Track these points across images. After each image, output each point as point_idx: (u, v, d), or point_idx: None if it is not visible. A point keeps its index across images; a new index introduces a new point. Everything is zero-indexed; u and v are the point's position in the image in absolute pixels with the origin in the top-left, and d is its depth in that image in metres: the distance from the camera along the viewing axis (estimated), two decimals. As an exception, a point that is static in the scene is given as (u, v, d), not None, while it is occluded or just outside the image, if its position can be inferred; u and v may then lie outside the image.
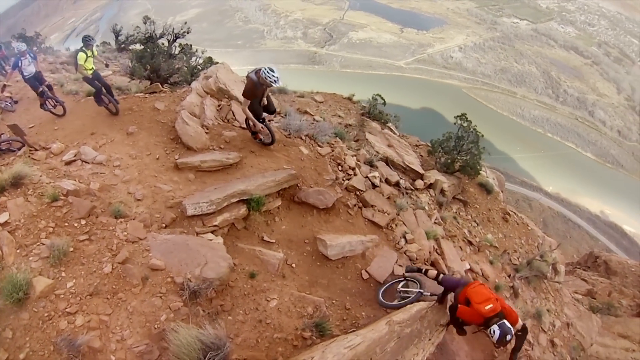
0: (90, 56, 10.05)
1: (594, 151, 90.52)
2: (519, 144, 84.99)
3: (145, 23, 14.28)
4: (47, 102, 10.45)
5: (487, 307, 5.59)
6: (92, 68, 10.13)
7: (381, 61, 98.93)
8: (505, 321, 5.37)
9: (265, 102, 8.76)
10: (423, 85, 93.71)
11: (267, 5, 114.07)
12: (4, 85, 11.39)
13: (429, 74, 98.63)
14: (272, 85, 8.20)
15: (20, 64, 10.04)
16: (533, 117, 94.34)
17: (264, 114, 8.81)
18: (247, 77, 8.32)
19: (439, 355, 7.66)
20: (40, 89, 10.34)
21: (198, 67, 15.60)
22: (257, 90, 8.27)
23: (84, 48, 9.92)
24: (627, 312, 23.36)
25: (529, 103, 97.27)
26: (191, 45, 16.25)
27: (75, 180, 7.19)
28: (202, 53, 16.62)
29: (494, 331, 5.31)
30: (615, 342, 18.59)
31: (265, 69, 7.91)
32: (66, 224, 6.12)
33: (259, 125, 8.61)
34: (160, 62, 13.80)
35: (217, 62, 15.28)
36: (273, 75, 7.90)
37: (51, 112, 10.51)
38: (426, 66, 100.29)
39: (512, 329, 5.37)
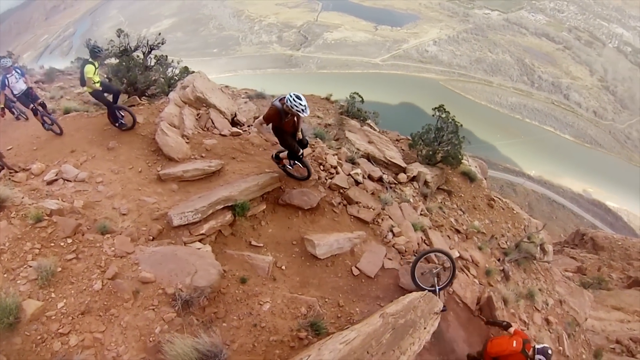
0: (98, 68, 9.30)
1: (572, 133, 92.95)
2: (499, 131, 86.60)
3: (119, 36, 14.09)
4: (43, 120, 9.72)
5: (514, 344, 6.42)
6: (99, 81, 9.35)
7: (357, 60, 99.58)
8: (536, 345, 6.24)
9: (300, 136, 7.97)
10: (400, 81, 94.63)
11: (241, 11, 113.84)
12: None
13: (406, 69, 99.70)
14: (299, 115, 7.33)
15: (7, 82, 9.43)
16: (511, 104, 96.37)
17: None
18: (271, 105, 7.46)
19: (436, 343, 7.78)
20: (32, 106, 9.63)
21: (175, 77, 15.50)
22: (282, 121, 7.44)
23: (91, 59, 9.08)
24: (618, 285, 24.01)
25: (506, 91, 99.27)
26: (167, 56, 16.15)
27: (58, 200, 7.11)
28: (178, 63, 16.54)
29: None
30: (610, 315, 19.05)
31: (290, 96, 7.04)
32: (52, 244, 6.05)
33: (285, 156, 8.20)
34: (136, 75, 13.68)
35: (193, 72, 15.23)
36: (300, 104, 7.02)
37: (52, 131, 9.73)
38: (402, 62, 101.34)
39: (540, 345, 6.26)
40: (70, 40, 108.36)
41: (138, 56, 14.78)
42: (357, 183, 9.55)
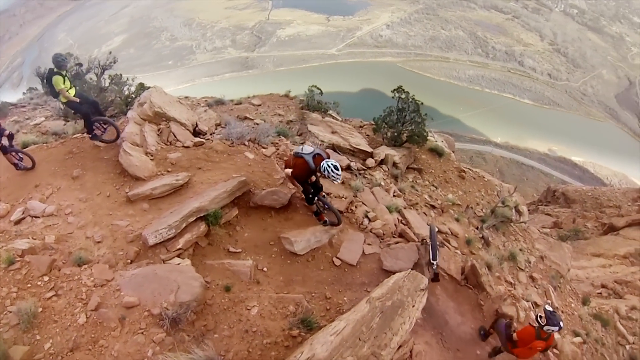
0: (67, 77, 8.69)
1: (531, 97, 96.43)
2: (461, 104, 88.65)
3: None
4: (12, 157, 8.75)
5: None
6: (75, 89, 8.82)
7: (313, 53, 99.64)
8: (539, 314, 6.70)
9: (314, 179, 7.92)
10: (358, 68, 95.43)
11: (191, 19, 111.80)
12: None
13: (362, 55, 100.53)
14: (333, 181, 7.26)
15: None
16: (469, 77, 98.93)
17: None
18: (302, 159, 7.30)
19: (428, 318, 7.93)
20: (1, 143, 8.57)
21: (131, 95, 15.16)
22: (309, 178, 7.56)
23: (56, 69, 8.46)
24: (594, 233, 24.97)
25: (463, 65, 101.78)
26: (121, 74, 15.76)
27: (28, 238, 6.88)
28: (133, 80, 16.16)
29: (550, 330, 6.55)
30: (591, 262, 19.77)
31: (329, 166, 6.98)
32: (29, 285, 5.88)
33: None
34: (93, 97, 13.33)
35: (149, 87, 14.93)
36: (338, 175, 7.01)
37: (26, 168, 8.96)
38: (358, 49, 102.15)
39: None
40: (19, 70, 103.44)
41: (91, 78, 14.37)
42: (326, 174, 9.57)
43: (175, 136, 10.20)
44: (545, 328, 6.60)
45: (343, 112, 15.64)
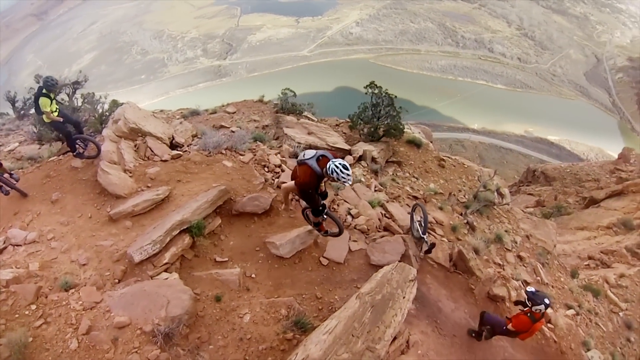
0: (54, 99, 8.76)
1: (503, 82, 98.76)
2: (436, 94, 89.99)
3: (38, 82, 13.41)
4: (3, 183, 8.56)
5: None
6: (58, 110, 8.82)
7: (285, 56, 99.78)
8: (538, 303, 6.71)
9: (323, 188, 7.27)
10: (331, 67, 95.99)
11: (161, 31, 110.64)
12: None
13: (334, 54, 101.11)
14: (343, 184, 6.75)
15: None
16: (441, 67, 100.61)
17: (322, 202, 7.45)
18: (305, 165, 6.55)
19: (422, 308, 8.00)
20: None
21: (105, 113, 14.96)
22: (318, 186, 6.84)
23: (45, 91, 8.51)
24: (576, 208, 25.55)
25: (434, 55, 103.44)
26: (93, 93, 15.52)
27: (12, 268, 6.74)
28: (106, 98, 15.94)
29: (539, 310, 6.66)
30: (576, 236, 20.22)
31: (336, 167, 6.16)
32: (17, 315, 5.79)
33: (319, 219, 7.41)
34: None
35: (122, 103, 14.75)
36: (348, 175, 6.20)
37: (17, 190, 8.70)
38: (330, 48, 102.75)
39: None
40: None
41: (63, 99, 14.13)
42: (305, 176, 9.59)
43: (152, 151, 10.11)
44: (534, 309, 6.72)
45: (319, 112, 15.68)
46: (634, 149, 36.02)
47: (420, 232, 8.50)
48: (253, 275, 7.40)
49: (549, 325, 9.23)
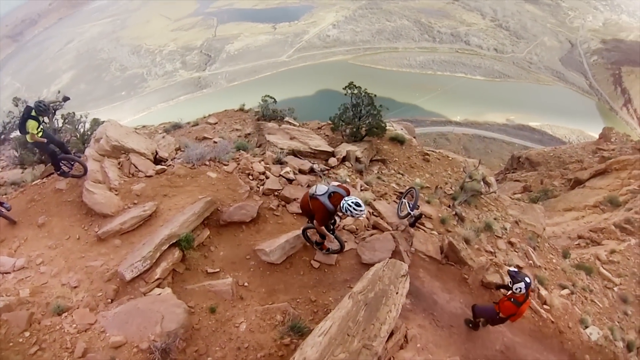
0: (42, 123, 8.72)
1: (481, 73, 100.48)
2: (416, 90, 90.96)
3: (17, 105, 13.18)
4: None
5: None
6: (42, 132, 8.75)
7: (264, 63, 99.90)
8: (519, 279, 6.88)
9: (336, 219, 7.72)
10: (311, 71, 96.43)
11: (139, 46, 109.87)
12: None
13: (313, 58, 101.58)
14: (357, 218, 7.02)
15: None
16: (420, 63, 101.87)
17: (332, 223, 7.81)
18: (317, 201, 6.83)
19: (417, 302, 8.06)
20: None
21: (87, 133, 14.79)
22: (330, 218, 7.13)
23: (34, 114, 8.47)
24: (562, 190, 25.91)
25: (412, 52, 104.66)
26: (74, 112, 15.33)
27: (2, 296, 6.63)
28: (86, 117, 15.76)
29: (519, 288, 6.81)
30: (564, 217, 20.50)
31: (349, 205, 6.55)
32: (11, 344, 5.70)
33: (331, 237, 7.69)
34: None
35: (103, 122, 14.59)
36: (362, 211, 6.63)
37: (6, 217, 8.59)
38: (308, 52, 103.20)
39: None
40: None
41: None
42: (290, 181, 9.65)
43: (136, 167, 10.04)
44: (514, 288, 6.87)
45: (301, 116, 15.69)
46: (613, 127, 36.68)
47: (409, 208, 8.86)
48: (246, 284, 7.38)
49: (544, 306, 9.35)
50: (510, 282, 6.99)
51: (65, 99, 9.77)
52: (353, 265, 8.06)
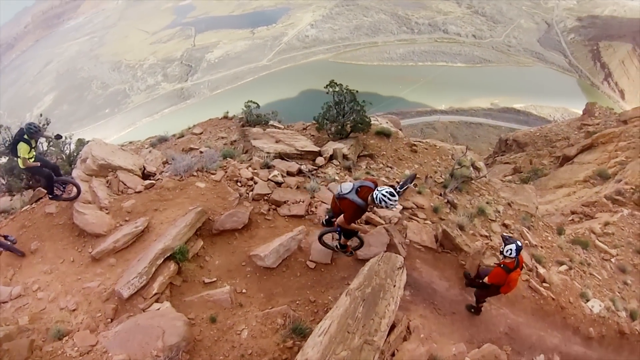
0: (35, 147, 8.39)
1: (462, 60, 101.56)
2: (399, 83, 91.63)
3: None
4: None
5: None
6: (34, 156, 8.44)
7: (245, 68, 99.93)
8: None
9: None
10: (293, 72, 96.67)
11: (119, 62, 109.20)
12: None
13: (293, 60, 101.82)
14: (391, 209, 6.76)
15: None
16: (400, 55, 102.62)
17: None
18: (346, 200, 6.60)
19: (417, 293, 8.12)
20: None
21: (73, 154, 14.64)
22: (361, 214, 6.88)
23: (26, 137, 8.15)
24: (552, 168, 26.22)
25: (392, 45, 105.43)
26: (59, 134, 15.16)
27: (1, 326, 6.57)
28: (71, 138, 15.59)
29: (510, 250, 6.93)
30: (556, 194, 20.72)
31: (383, 195, 6.28)
32: (14, 373, 5.62)
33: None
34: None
35: (88, 141, 14.45)
36: (396, 201, 6.36)
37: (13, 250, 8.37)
38: (288, 54, 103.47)
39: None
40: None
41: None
42: (279, 184, 9.63)
43: (125, 184, 9.97)
44: (505, 250, 7.00)
45: (285, 118, 15.65)
46: (596, 102, 37.25)
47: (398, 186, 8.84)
48: (244, 291, 7.36)
49: (544, 284, 9.42)
50: (502, 246, 7.13)
51: (58, 137, 9.63)
52: (349, 262, 8.08)
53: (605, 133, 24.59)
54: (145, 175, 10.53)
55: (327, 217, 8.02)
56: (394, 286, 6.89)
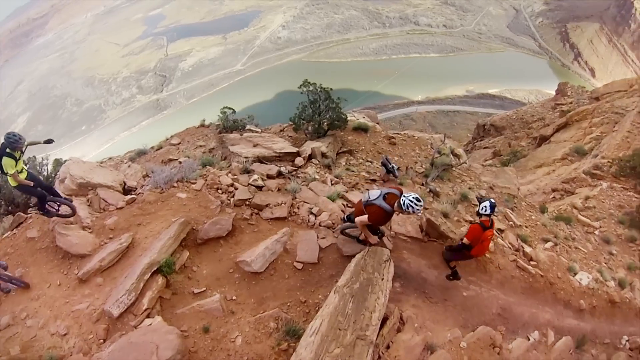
0: (20, 160, 7.77)
1: (435, 50, 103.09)
2: (374, 77, 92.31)
3: None
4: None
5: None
6: (27, 172, 7.98)
7: (220, 75, 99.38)
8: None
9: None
10: (268, 75, 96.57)
11: (92, 77, 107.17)
12: None
13: (267, 62, 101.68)
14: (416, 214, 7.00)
15: None
16: (373, 50, 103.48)
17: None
18: (374, 206, 6.90)
19: (407, 284, 8.16)
20: None
21: (51, 175, 14.34)
22: (386, 220, 7.20)
23: (8, 151, 7.45)
24: (530, 149, 26.68)
25: (364, 40, 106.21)
26: (34, 156, 14.81)
27: None
28: (47, 159, 15.25)
29: (485, 207, 7.31)
30: (536, 174, 21.11)
31: (410, 201, 6.60)
32: (9, 404, 5.48)
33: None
34: (10, 191, 12.45)
35: (65, 161, 14.18)
36: (422, 206, 6.70)
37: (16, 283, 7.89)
38: (261, 57, 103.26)
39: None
40: None
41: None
42: (260, 188, 9.59)
43: (106, 201, 9.82)
44: (480, 207, 7.35)
45: (263, 121, 15.61)
46: (568, 82, 38.06)
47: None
48: (234, 298, 7.32)
49: (531, 262, 9.53)
50: (478, 204, 7.46)
51: (49, 141, 9.09)
52: (336, 260, 8.08)
53: (579, 111, 25.17)
54: (126, 191, 10.40)
55: (346, 216, 8.44)
56: (382, 279, 6.95)
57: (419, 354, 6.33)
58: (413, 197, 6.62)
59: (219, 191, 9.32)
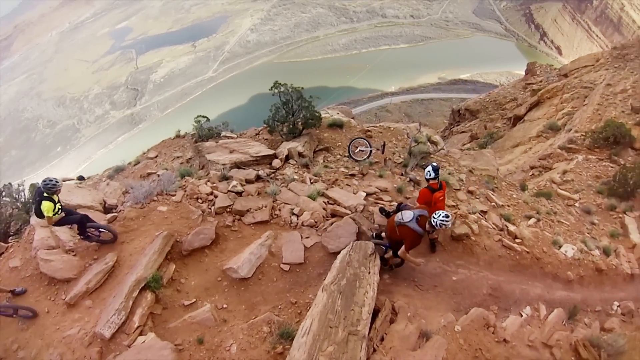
0: (58, 202, 7.94)
1: (404, 40, 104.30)
2: (346, 72, 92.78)
3: None
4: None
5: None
6: (59, 209, 8.03)
7: (193, 83, 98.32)
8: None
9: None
10: (240, 80, 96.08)
11: (63, 97, 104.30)
12: None
13: (239, 67, 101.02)
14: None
15: None
16: (343, 45, 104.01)
17: None
18: (406, 228, 7.20)
19: (394, 274, 8.30)
20: None
21: (28, 201, 13.98)
22: (419, 241, 7.42)
23: (46, 194, 7.69)
24: (505, 129, 27.15)
25: (334, 37, 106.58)
26: (10, 183, 14.42)
27: None
28: (24, 185, 14.86)
29: (428, 172, 7.92)
30: (514, 153, 21.54)
31: (441, 220, 6.95)
32: None
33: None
34: None
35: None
36: (450, 221, 7.06)
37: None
38: (232, 62, 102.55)
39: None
40: None
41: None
42: (240, 194, 9.58)
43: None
44: (426, 172, 7.95)
45: (238, 126, 15.48)
46: (536, 61, 38.67)
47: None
48: (225, 306, 7.34)
49: (516, 240, 9.73)
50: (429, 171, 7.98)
51: (81, 178, 9.12)
52: (322, 258, 8.15)
53: (549, 89, 25.67)
54: (107, 209, 10.26)
55: (375, 233, 8.78)
56: (369, 273, 7.02)
57: (414, 342, 6.39)
58: (443, 216, 6.97)
59: (199, 201, 9.26)
